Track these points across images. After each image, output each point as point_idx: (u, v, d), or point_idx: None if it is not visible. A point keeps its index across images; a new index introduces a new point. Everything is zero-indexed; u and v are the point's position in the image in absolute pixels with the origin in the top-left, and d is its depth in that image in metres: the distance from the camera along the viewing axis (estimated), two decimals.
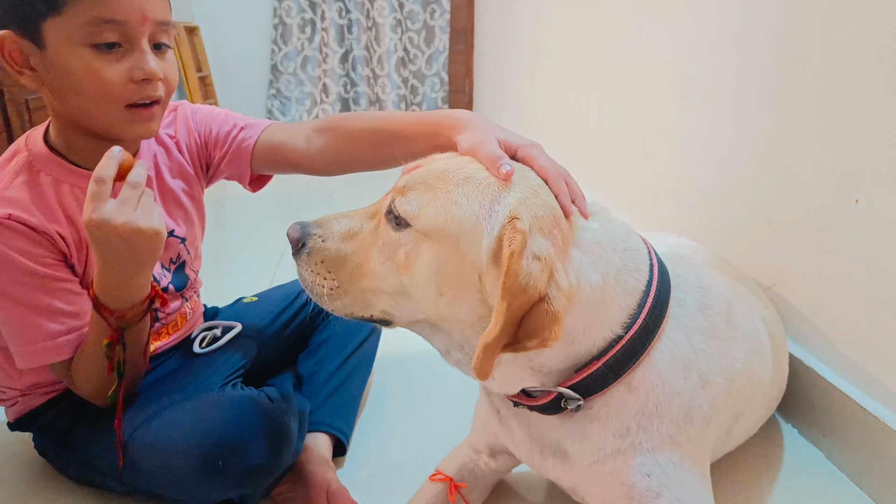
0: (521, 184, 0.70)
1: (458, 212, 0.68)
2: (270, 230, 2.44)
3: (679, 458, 0.76)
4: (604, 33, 2.12)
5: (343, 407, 1.17)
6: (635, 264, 0.75)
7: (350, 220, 0.78)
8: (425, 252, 0.70)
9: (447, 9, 4.32)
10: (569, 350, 0.72)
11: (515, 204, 0.67)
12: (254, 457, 0.86)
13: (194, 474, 0.85)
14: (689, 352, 0.77)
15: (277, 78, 4.32)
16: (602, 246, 0.72)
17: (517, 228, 0.64)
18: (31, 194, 0.88)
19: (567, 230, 0.69)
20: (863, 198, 1.03)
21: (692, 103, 1.55)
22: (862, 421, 1.03)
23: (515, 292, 0.63)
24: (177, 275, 1.08)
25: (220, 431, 0.86)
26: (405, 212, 0.70)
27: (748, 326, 0.88)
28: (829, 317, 1.13)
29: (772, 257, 1.26)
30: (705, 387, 0.78)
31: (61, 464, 1.03)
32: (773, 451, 1.14)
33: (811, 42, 1.13)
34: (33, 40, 0.82)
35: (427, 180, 0.71)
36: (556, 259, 0.65)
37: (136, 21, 0.83)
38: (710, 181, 1.49)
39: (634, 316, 0.73)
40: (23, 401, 1.01)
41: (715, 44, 1.44)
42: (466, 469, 0.98)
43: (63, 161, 0.91)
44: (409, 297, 0.73)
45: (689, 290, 0.81)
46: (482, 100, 4.33)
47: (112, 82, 0.83)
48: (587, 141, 2.32)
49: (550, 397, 0.74)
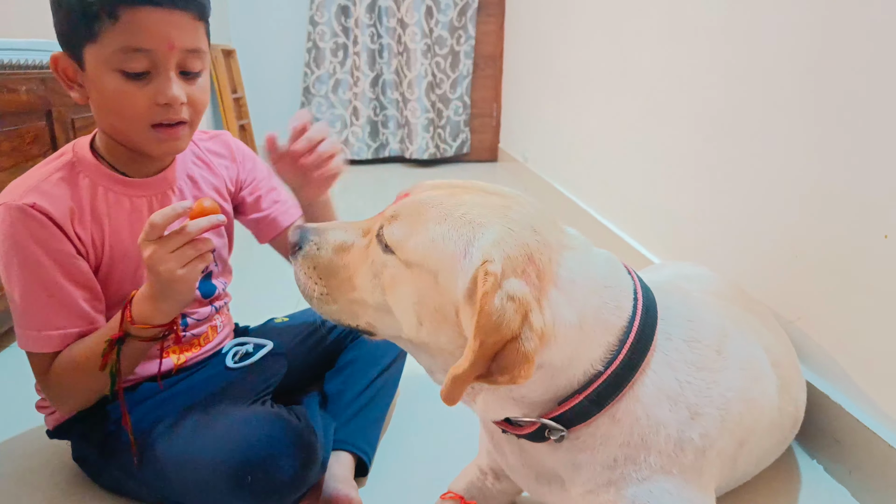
0: (498, 222, 0.71)
1: (436, 251, 0.70)
2: None
3: (675, 488, 0.77)
4: (631, 63, 2.14)
5: (367, 427, 1.18)
6: (616, 301, 0.76)
7: (345, 233, 0.81)
8: (407, 281, 0.73)
9: (473, 35, 4.39)
10: (549, 384, 0.74)
11: (489, 246, 0.68)
12: (282, 473, 0.88)
13: (222, 489, 0.88)
14: (674, 385, 0.77)
15: (309, 100, 4.41)
16: (578, 285, 0.73)
17: (489, 271, 0.66)
18: (65, 192, 0.95)
19: (544, 267, 0.70)
20: (892, 233, 1.03)
21: (718, 134, 1.56)
22: (889, 458, 1.02)
23: (488, 331, 0.65)
24: (203, 283, 1.12)
25: (249, 447, 0.89)
26: (391, 240, 0.73)
27: (743, 354, 0.88)
28: (854, 352, 1.13)
29: (796, 291, 1.26)
30: (695, 418, 0.78)
31: (98, 471, 1.06)
32: (797, 487, 1.12)
33: (839, 75, 1.14)
34: (77, 61, 0.92)
35: (412, 212, 0.74)
36: (531, 299, 0.67)
37: (163, 49, 0.90)
38: (734, 213, 1.49)
39: (616, 351, 0.74)
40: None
41: (742, 76, 1.45)
42: (475, 488, 1.00)
43: (102, 165, 0.99)
44: (392, 316, 0.76)
45: (678, 323, 0.81)
46: (509, 124, 4.37)
47: (137, 104, 0.91)
48: (612, 168, 2.33)
49: (534, 427, 0.76)
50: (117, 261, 1.00)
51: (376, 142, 4.52)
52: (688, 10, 1.72)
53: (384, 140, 4.54)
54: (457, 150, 4.57)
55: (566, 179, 2.98)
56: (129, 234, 1.00)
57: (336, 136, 4.39)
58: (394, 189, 3.84)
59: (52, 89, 1.63)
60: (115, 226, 0.99)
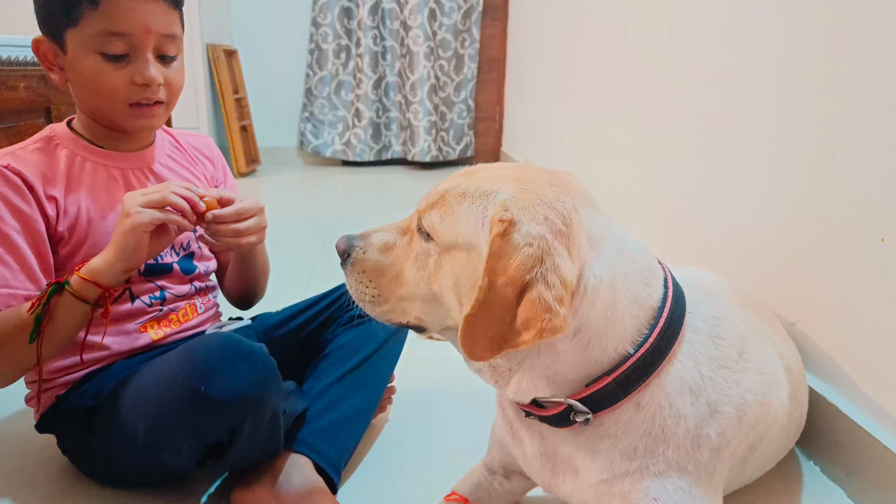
0: (510, 184, 0.73)
1: (461, 228, 0.73)
2: (301, 250, 2.49)
3: (688, 486, 0.76)
4: (634, 67, 2.14)
5: (335, 427, 1.08)
6: (646, 279, 0.76)
7: (387, 234, 0.84)
8: (446, 264, 0.75)
9: (477, 38, 4.40)
10: (583, 356, 0.73)
11: (499, 204, 0.70)
12: (238, 381, 0.86)
13: (180, 401, 0.85)
14: (697, 378, 0.77)
15: (311, 102, 4.42)
16: (606, 242, 0.73)
17: (500, 219, 0.68)
18: (40, 158, 1.00)
19: (569, 215, 0.70)
20: (888, 236, 1.03)
21: (719, 139, 1.56)
22: (885, 460, 1.02)
23: (498, 270, 0.66)
24: (184, 260, 1.14)
25: (203, 359, 0.87)
26: (428, 227, 0.77)
27: (763, 359, 0.88)
28: (853, 354, 1.12)
29: (797, 294, 1.26)
30: (713, 415, 0.78)
31: (83, 450, 1.05)
32: (795, 489, 1.12)
33: (839, 81, 1.14)
34: (59, 45, 0.98)
35: (441, 199, 0.77)
36: (556, 243, 0.67)
37: (140, 33, 0.97)
38: (737, 216, 1.49)
39: (647, 333, 0.74)
40: (45, 397, 1.04)
41: (744, 81, 1.45)
42: (482, 489, 0.99)
43: (80, 139, 1.05)
44: (440, 305, 0.78)
45: (704, 318, 0.81)
46: (512, 128, 4.37)
47: (115, 84, 0.98)
48: (615, 173, 2.33)
49: (560, 409, 0.75)
50: (95, 222, 1.01)
51: (378, 144, 4.53)
52: (691, 16, 1.72)
53: (386, 142, 4.55)
54: (460, 154, 4.58)
55: None
56: (107, 199, 1.03)
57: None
58: (396, 191, 3.86)
59: (52, 87, 1.63)
60: (92, 191, 1.02)
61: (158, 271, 1.09)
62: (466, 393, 1.38)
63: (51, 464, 1.13)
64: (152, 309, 1.08)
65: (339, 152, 4.46)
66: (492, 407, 0.95)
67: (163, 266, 1.09)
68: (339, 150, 4.46)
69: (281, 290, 1.49)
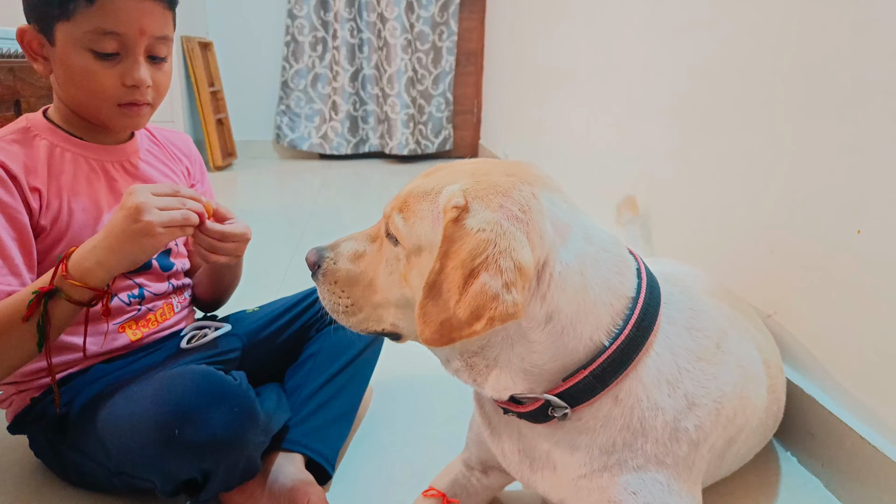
0: (464, 177, 0.73)
1: (422, 227, 0.73)
2: (277, 243, 2.46)
3: (666, 480, 0.76)
4: (612, 60, 2.15)
5: (325, 427, 1.12)
6: (618, 268, 0.76)
7: (356, 243, 0.83)
8: (414, 266, 0.75)
9: (455, 31, 4.38)
10: (558, 344, 0.72)
11: (450, 195, 0.70)
12: (214, 427, 0.84)
13: (153, 444, 0.83)
14: (674, 370, 0.77)
15: (287, 94, 4.37)
16: (573, 229, 0.73)
17: (454, 205, 0.68)
18: (20, 150, 0.97)
19: (527, 202, 0.70)
20: (864, 228, 1.04)
21: (698, 131, 1.57)
22: (861, 452, 1.03)
23: (449, 254, 0.66)
24: (162, 257, 1.12)
25: (178, 400, 0.84)
26: (394, 230, 0.76)
27: (741, 352, 0.88)
28: (829, 346, 1.14)
29: (773, 286, 1.27)
30: (691, 408, 0.78)
31: (56, 459, 1.03)
32: (771, 480, 1.13)
33: (817, 74, 1.14)
34: (47, 36, 0.95)
35: (403, 203, 0.76)
36: (514, 230, 0.67)
37: (134, 34, 0.95)
38: (713, 209, 1.50)
39: (622, 324, 0.74)
40: (18, 398, 1.02)
41: (722, 73, 1.46)
42: (458, 485, 0.99)
43: (59, 130, 1.02)
44: (410, 311, 0.77)
45: (680, 309, 0.81)
46: (490, 121, 4.37)
47: (105, 83, 0.96)
48: (594, 165, 2.34)
49: (538, 404, 0.75)
50: (76, 214, 0.99)
51: (356, 137, 4.50)
52: (668, 8, 1.73)
53: (364, 135, 4.52)
54: (439, 147, 4.57)
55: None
56: (88, 192, 1.01)
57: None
58: (374, 185, 3.84)
59: (22, 78, 1.59)
60: (73, 183, 1.00)
61: (138, 268, 1.07)
62: (446, 387, 1.37)
63: (22, 463, 1.11)
64: (131, 308, 1.06)
65: (316, 146, 4.42)
66: (470, 403, 0.94)
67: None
68: (315, 143, 4.42)
69: (257, 286, 1.48)
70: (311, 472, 1.05)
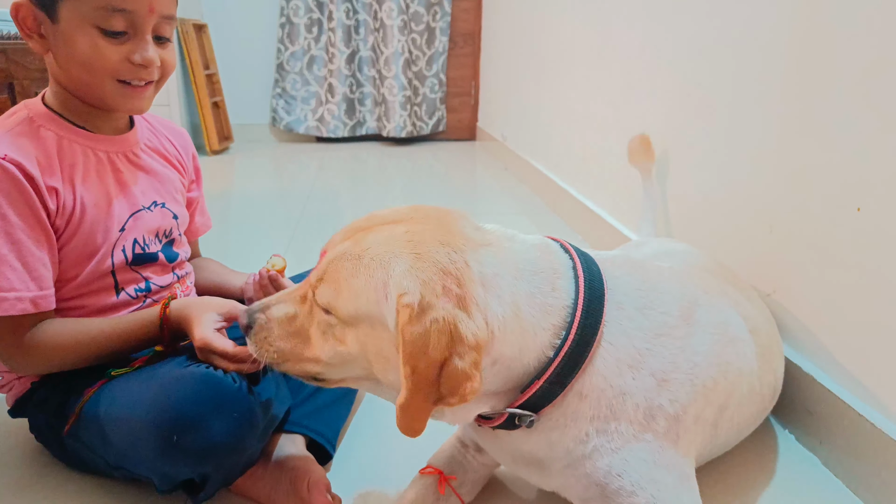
0: (403, 250, 0.73)
1: (361, 302, 0.74)
2: (275, 227, 2.46)
3: (650, 455, 0.78)
4: (610, 39, 2.13)
5: (325, 409, 1.14)
6: (550, 285, 0.77)
7: (286, 306, 0.83)
8: (350, 333, 0.76)
9: (448, 11, 4.35)
10: (508, 374, 0.76)
11: (399, 279, 0.71)
12: (213, 434, 0.84)
13: (152, 449, 0.85)
14: (633, 353, 0.79)
15: (283, 77, 4.34)
16: (502, 277, 0.75)
17: (405, 304, 0.69)
18: (31, 144, 0.93)
19: (461, 273, 0.72)
20: (864, 206, 1.03)
21: (697, 110, 1.56)
22: (859, 429, 1.04)
23: (417, 357, 0.68)
24: (167, 247, 1.11)
25: (178, 407, 0.85)
26: (323, 303, 0.77)
27: (713, 319, 0.89)
28: (828, 324, 1.14)
29: (772, 264, 1.27)
30: (661, 384, 0.79)
31: (57, 444, 1.03)
32: (770, 457, 1.14)
33: (816, 51, 1.14)
34: (48, 13, 0.91)
35: (331, 273, 0.76)
36: (455, 312, 0.69)
37: (144, 12, 0.92)
38: (713, 188, 1.49)
39: (565, 332, 0.76)
40: (18, 384, 1.02)
41: (721, 51, 1.45)
42: (455, 462, 1.00)
43: (61, 119, 0.98)
44: (350, 364, 0.79)
45: (627, 292, 0.82)
46: (488, 103, 4.34)
47: (111, 59, 0.93)
48: (592, 145, 2.33)
49: (503, 418, 0.78)
50: (89, 210, 0.97)
51: (352, 120, 4.47)
52: None
53: (361, 118, 4.49)
54: (433, 128, 4.55)
55: (545, 158, 2.98)
56: (98, 185, 0.99)
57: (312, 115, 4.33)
58: (371, 168, 3.83)
59: (15, 61, 1.57)
60: (84, 178, 0.97)
61: (145, 260, 1.06)
62: None
63: (24, 446, 1.12)
64: (137, 301, 1.05)
65: (313, 128, 4.40)
66: None
67: (149, 255, 1.06)
68: (312, 126, 4.40)
69: (255, 269, 1.47)
70: (312, 453, 1.06)
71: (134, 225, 1.03)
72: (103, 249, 0.99)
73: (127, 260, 1.03)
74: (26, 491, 1.02)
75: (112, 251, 1.00)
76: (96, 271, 0.99)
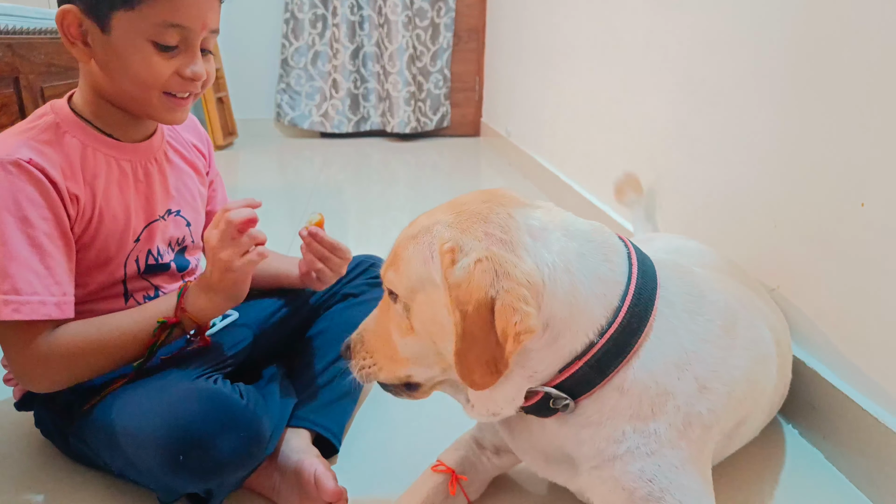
0: (445, 212, 0.76)
1: (413, 270, 0.75)
2: (280, 222, 2.46)
3: (681, 462, 0.76)
4: (614, 34, 2.12)
5: (332, 404, 1.14)
6: (604, 255, 0.76)
7: (374, 314, 0.88)
8: (414, 312, 0.77)
9: (452, 7, 4.33)
10: (555, 348, 0.74)
11: (441, 233, 0.73)
12: (219, 453, 0.85)
13: (158, 465, 0.85)
14: (680, 352, 0.77)
15: (287, 73, 4.34)
16: (550, 231, 0.74)
17: (445, 250, 0.70)
18: (55, 152, 0.93)
19: (505, 223, 0.73)
20: (868, 201, 1.03)
21: (701, 106, 1.56)
22: (863, 423, 1.04)
23: (463, 300, 0.68)
24: (178, 257, 1.11)
25: (186, 425, 0.84)
26: (390, 286, 0.80)
27: (751, 335, 0.88)
28: (832, 319, 1.14)
29: (777, 259, 1.27)
30: (702, 391, 0.77)
31: (62, 440, 1.04)
32: (774, 452, 1.14)
33: (821, 47, 1.13)
34: (100, 23, 0.90)
35: (392, 255, 0.80)
36: (501, 252, 0.69)
37: (197, 28, 0.93)
38: (717, 183, 1.49)
39: (616, 311, 0.74)
40: None
41: (725, 47, 1.44)
42: (468, 462, 0.98)
43: (88, 127, 0.97)
44: (421, 358, 0.80)
45: (677, 293, 0.81)
46: (492, 99, 4.34)
47: (163, 74, 0.93)
48: (596, 141, 2.32)
49: (538, 397, 0.76)
50: (106, 222, 0.97)
51: (357, 115, 4.47)
52: None
53: (365, 113, 4.49)
54: (437, 124, 4.54)
55: (549, 153, 2.97)
56: (119, 196, 0.99)
57: (316, 111, 4.32)
58: (375, 163, 3.82)
59: (20, 55, 1.58)
60: (106, 189, 0.97)
61: (157, 270, 1.06)
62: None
63: (30, 439, 1.12)
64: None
65: (317, 124, 4.40)
66: None
67: (161, 266, 1.07)
68: (316, 121, 4.40)
69: None
70: (319, 447, 1.06)
71: (148, 236, 1.04)
72: (116, 260, 1.00)
73: (139, 270, 1.03)
74: (32, 482, 1.03)
75: (125, 262, 1.01)
76: (107, 280, 1.00)
